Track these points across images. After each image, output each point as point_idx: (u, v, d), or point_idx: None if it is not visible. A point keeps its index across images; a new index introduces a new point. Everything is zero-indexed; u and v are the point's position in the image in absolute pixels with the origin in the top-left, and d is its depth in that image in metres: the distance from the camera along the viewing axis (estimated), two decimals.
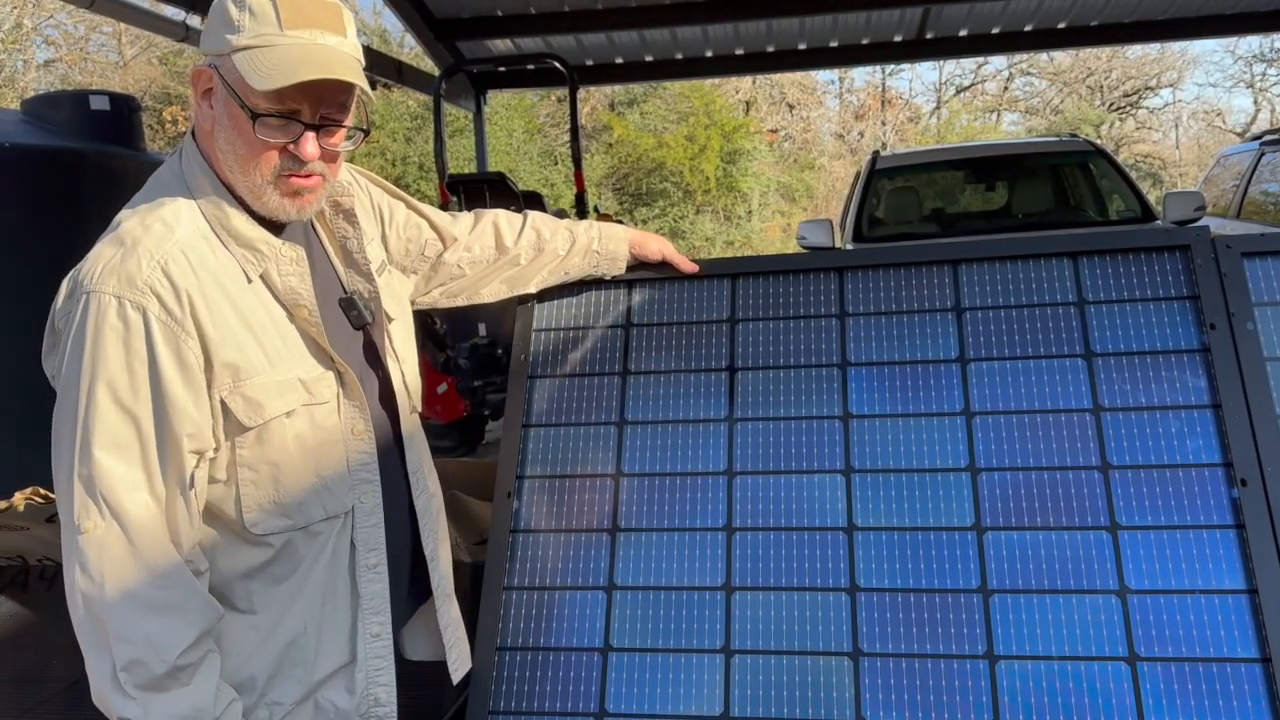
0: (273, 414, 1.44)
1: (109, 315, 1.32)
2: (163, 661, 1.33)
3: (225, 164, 1.43)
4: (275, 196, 1.44)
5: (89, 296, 1.33)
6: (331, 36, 1.41)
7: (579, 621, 1.88)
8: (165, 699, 1.34)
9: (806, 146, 27.30)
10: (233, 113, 1.40)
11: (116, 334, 1.32)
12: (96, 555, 1.32)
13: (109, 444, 1.32)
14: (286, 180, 1.43)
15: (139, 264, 1.34)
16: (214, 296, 1.39)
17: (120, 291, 1.33)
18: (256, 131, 1.39)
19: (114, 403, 1.32)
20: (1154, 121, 29.38)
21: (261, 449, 1.44)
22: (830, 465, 1.91)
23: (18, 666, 2.49)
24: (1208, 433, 1.82)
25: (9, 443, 4.20)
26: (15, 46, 20.70)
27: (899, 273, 2.06)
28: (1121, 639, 1.70)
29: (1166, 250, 1.98)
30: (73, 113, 4.88)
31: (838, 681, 1.76)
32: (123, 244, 1.36)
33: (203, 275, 1.38)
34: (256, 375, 1.42)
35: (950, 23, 9.11)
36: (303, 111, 1.40)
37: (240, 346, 1.41)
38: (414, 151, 18.60)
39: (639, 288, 2.14)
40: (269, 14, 1.37)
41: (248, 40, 1.37)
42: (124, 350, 1.32)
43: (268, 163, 1.42)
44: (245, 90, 1.37)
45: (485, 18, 8.52)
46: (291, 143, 1.41)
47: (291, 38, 1.38)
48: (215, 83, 1.41)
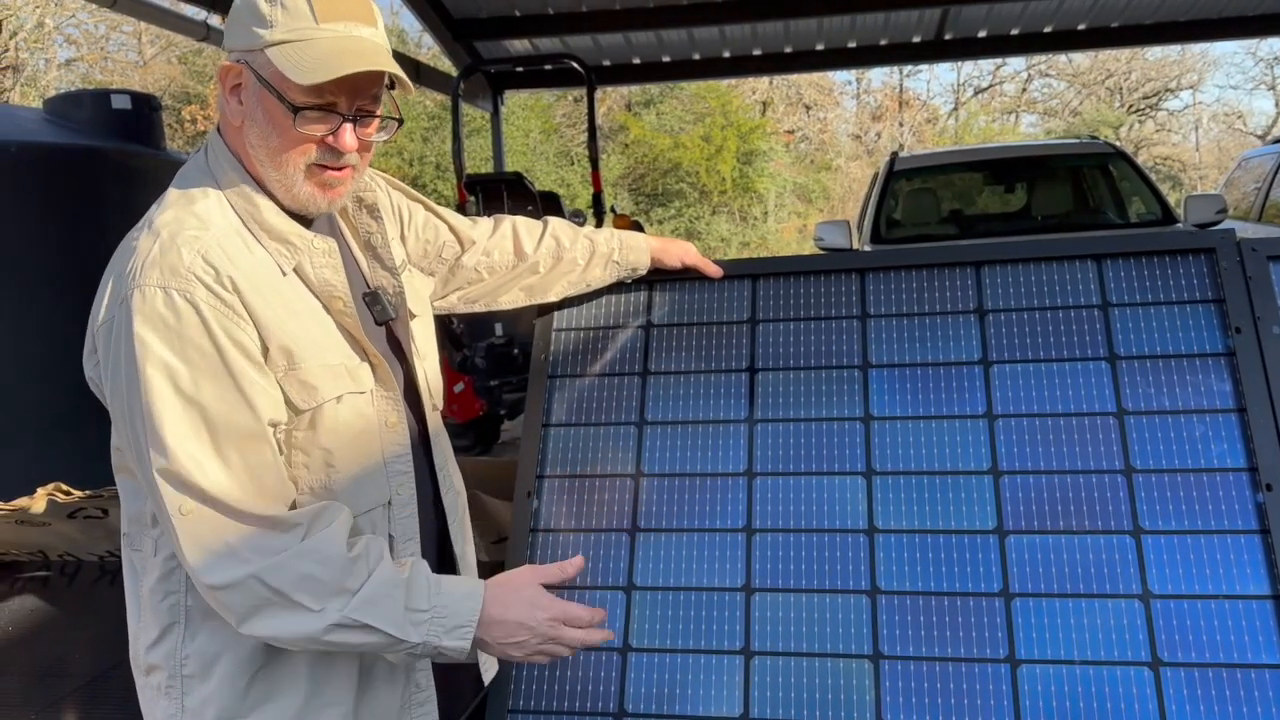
0: (325, 398, 1.44)
1: (157, 307, 1.31)
2: (344, 569, 1.34)
3: (256, 158, 1.43)
4: (307, 188, 1.44)
5: (134, 293, 1.32)
6: (365, 28, 1.42)
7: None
8: (376, 589, 1.35)
9: (823, 147, 27.25)
10: (268, 107, 1.39)
11: (167, 325, 1.31)
12: (209, 532, 1.31)
13: (182, 433, 1.31)
14: (319, 172, 1.44)
15: (180, 254, 1.33)
16: (257, 284, 1.38)
17: (165, 283, 1.32)
18: (297, 125, 1.39)
19: (176, 393, 1.31)
20: (1174, 124, 29.20)
21: (314, 433, 1.44)
22: (851, 467, 1.91)
23: (40, 661, 2.51)
24: (1232, 437, 1.80)
25: (33, 440, 4.23)
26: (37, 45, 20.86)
27: (921, 274, 2.05)
28: (1144, 644, 1.69)
29: (1191, 253, 1.96)
30: (94, 112, 4.92)
31: (858, 684, 1.75)
32: (159, 237, 1.36)
33: (242, 266, 1.38)
34: (308, 359, 1.42)
35: (969, 24, 9.08)
36: (339, 103, 1.40)
37: (289, 332, 1.41)
38: (431, 151, 18.66)
39: (659, 288, 2.14)
40: (302, 8, 1.38)
41: (282, 35, 1.37)
42: (178, 340, 1.31)
43: (302, 154, 1.42)
44: (284, 84, 1.37)
45: (503, 18, 8.55)
46: (330, 134, 1.41)
47: (327, 31, 1.38)
48: (246, 78, 1.41)
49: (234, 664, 1.43)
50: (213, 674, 1.43)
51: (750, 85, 24.32)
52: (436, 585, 1.40)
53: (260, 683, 1.44)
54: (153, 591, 1.45)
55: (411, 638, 1.36)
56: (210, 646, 1.43)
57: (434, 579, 1.41)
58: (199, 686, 1.43)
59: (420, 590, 1.38)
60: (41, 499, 2.75)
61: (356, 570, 1.35)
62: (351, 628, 1.34)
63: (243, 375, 1.35)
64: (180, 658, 1.44)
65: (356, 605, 1.34)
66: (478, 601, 1.40)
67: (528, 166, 18.26)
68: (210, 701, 1.43)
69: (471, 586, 1.43)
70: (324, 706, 1.47)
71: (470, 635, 1.39)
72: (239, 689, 1.43)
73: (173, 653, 1.44)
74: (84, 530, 2.84)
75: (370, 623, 1.34)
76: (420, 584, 1.39)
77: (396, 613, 1.35)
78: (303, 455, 1.44)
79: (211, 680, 1.43)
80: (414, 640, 1.36)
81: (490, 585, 1.45)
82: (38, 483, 2.79)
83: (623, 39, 9.15)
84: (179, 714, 1.44)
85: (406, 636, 1.36)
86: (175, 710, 1.44)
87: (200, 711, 1.43)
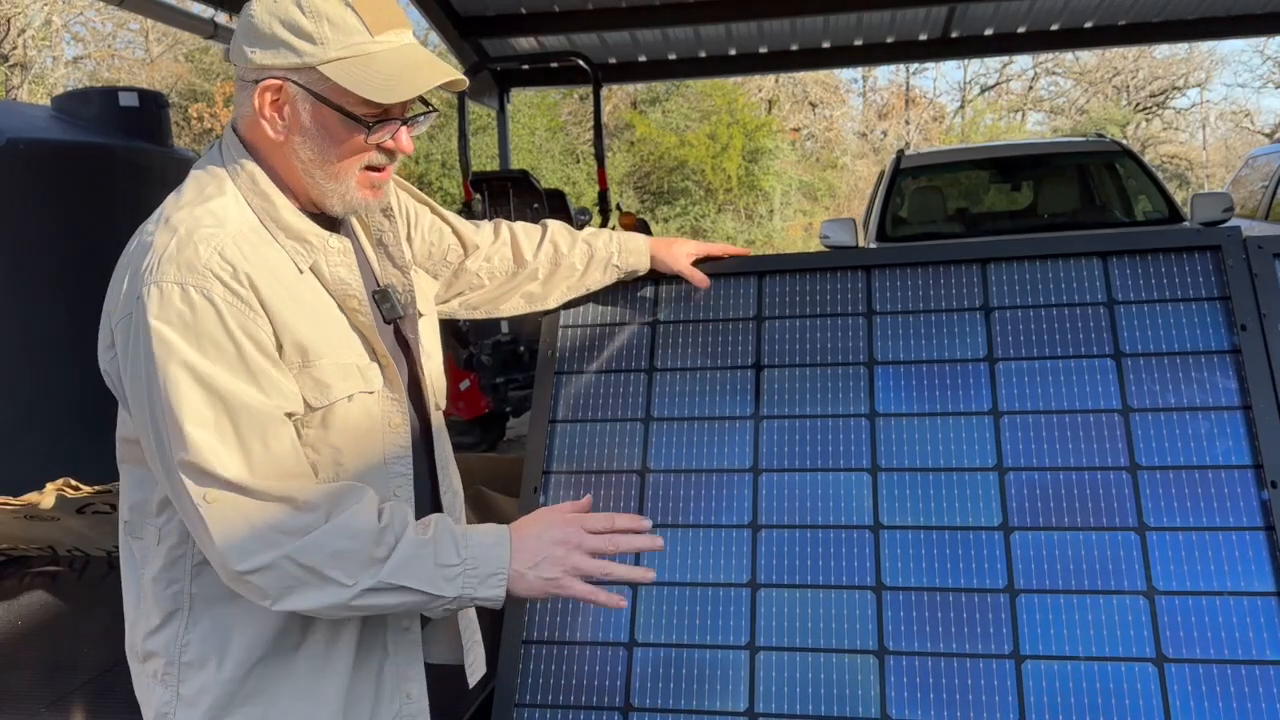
0: (338, 396, 1.45)
1: (173, 303, 1.32)
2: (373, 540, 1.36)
3: (306, 171, 1.44)
4: (360, 194, 1.47)
5: (150, 288, 1.32)
6: (407, 33, 1.44)
7: (604, 616, 1.89)
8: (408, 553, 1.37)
9: (829, 145, 27.23)
10: (325, 122, 1.40)
11: (184, 319, 1.32)
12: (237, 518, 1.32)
13: (203, 424, 1.32)
14: (370, 175, 1.47)
15: (196, 250, 1.34)
16: (272, 282, 1.39)
17: (181, 278, 1.33)
18: (370, 139, 1.42)
19: (196, 385, 1.32)
20: (1181, 122, 29.14)
21: (325, 431, 1.45)
22: (857, 463, 1.91)
23: (48, 655, 2.52)
24: (1238, 434, 1.80)
25: (42, 435, 4.25)
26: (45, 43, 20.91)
27: (927, 271, 2.05)
28: (1149, 640, 1.70)
29: (1197, 250, 1.97)
30: (102, 109, 4.93)
31: (863, 679, 1.76)
32: (176, 233, 1.36)
33: (257, 263, 1.39)
34: (323, 357, 1.43)
35: (976, 21, 9.07)
36: (395, 109, 1.43)
37: (304, 330, 1.42)
38: (437, 149, 18.68)
39: (665, 285, 2.14)
40: (353, 22, 1.38)
41: (339, 52, 1.37)
42: (196, 335, 1.32)
43: (359, 162, 1.45)
44: (349, 100, 1.39)
45: (509, 15, 8.55)
46: (389, 139, 1.45)
47: (383, 43, 1.40)
48: (288, 93, 1.40)
49: (232, 654, 1.43)
50: (210, 663, 1.44)
51: (756, 83, 24.30)
52: (464, 538, 1.42)
53: (257, 674, 1.45)
54: (155, 579, 1.46)
55: (446, 592, 1.38)
56: (211, 635, 1.44)
57: (460, 531, 1.43)
58: (196, 675, 1.44)
59: (448, 546, 1.40)
60: (50, 494, 2.76)
61: (385, 539, 1.37)
62: (384, 590, 1.36)
63: (260, 369, 1.36)
64: (180, 645, 1.44)
65: (389, 571, 1.36)
66: (506, 546, 1.42)
67: (533, 164, 18.27)
68: (206, 690, 1.43)
69: (498, 533, 1.44)
70: (317, 702, 1.47)
71: (504, 582, 1.40)
72: (236, 679, 1.43)
73: (173, 640, 1.45)
74: (92, 525, 2.85)
75: (404, 584, 1.36)
76: (446, 540, 1.40)
77: (428, 570, 1.37)
78: (313, 453, 1.45)
79: (209, 669, 1.44)
80: (449, 594, 1.39)
81: (513, 529, 1.46)
82: (48, 478, 2.81)
83: (629, 37, 9.15)
84: (174, 701, 1.45)
85: (441, 591, 1.38)
86: (170, 698, 1.45)
87: (195, 700, 1.44)
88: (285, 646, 1.46)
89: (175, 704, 1.45)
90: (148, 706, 1.50)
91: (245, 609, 1.44)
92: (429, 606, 1.41)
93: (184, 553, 1.45)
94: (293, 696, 1.47)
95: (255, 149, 1.47)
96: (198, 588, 1.45)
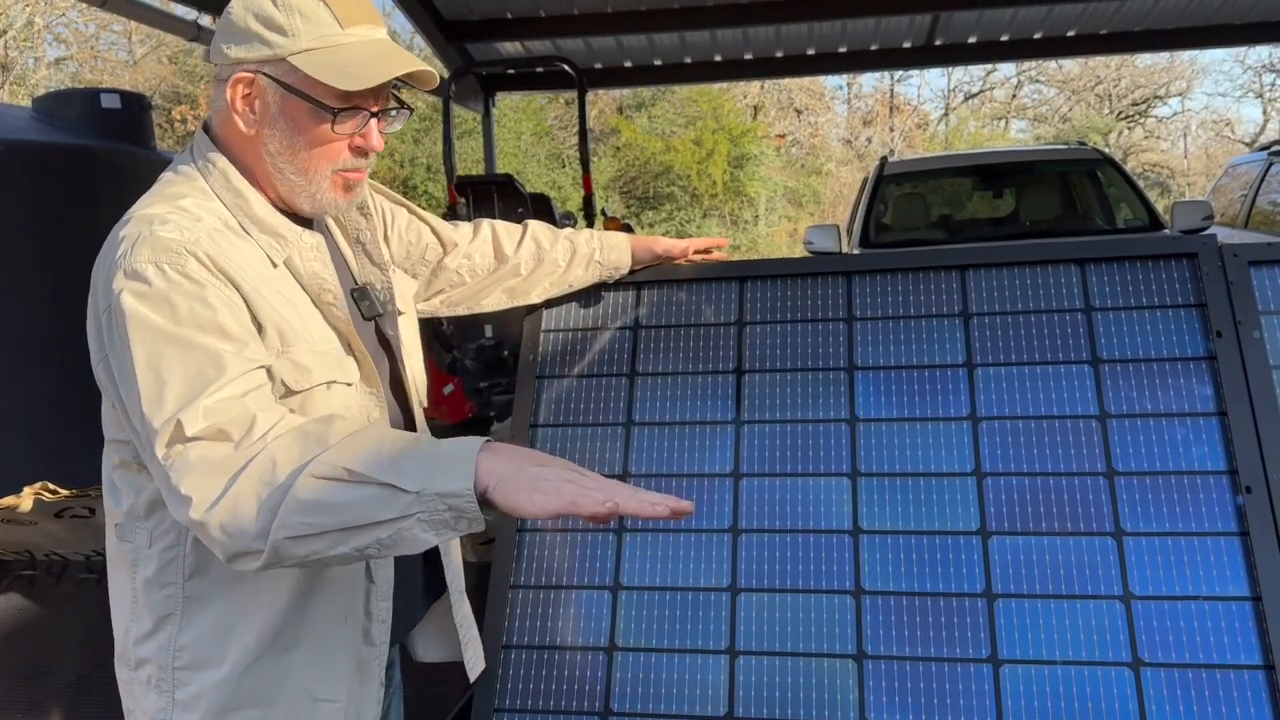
0: (317, 380, 1.43)
1: (150, 279, 1.30)
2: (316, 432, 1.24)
3: (274, 165, 1.44)
4: (331, 194, 1.47)
5: (125, 271, 1.32)
6: (379, 30, 1.46)
7: (585, 620, 1.89)
8: None
9: (814, 151, 27.31)
10: (294, 114, 1.41)
11: (160, 293, 1.30)
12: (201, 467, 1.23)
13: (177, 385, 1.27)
14: (344, 175, 1.47)
15: (168, 231, 1.34)
16: (248, 273, 1.39)
17: (156, 258, 1.32)
18: (336, 128, 1.41)
19: (170, 342, 1.28)
20: (1162, 130, 29.36)
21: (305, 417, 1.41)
22: (836, 468, 1.92)
23: (25, 660, 2.50)
24: (1213, 440, 1.82)
25: (21, 437, 4.22)
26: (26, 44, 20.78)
27: (907, 277, 2.07)
28: (1125, 644, 1.71)
29: (1174, 258, 1.98)
30: (84, 111, 4.91)
31: (842, 684, 1.76)
32: (150, 223, 1.36)
33: (232, 255, 1.38)
34: (301, 343, 1.42)
35: (959, 29, 9.11)
36: (367, 103, 1.43)
37: (283, 316, 1.41)
38: (422, 153, 18.64)
39: (647, 289, 2.15)
40: (324, 15, 1.40)
41: (309, 43, 1.39)
42: (169, 306, 1.30)
43: (330, 160, 1.44)
44: (317, 90, 1.39)
45: (495, 20, 8.54)
46: (358, 134, 1.44)
47: (354, 35, 1.41)
48: (260, 87, 1.41)
49: (228, 657, 1.43)
50: (205, 667, 1.43)
51: (742, 89, 24.37)
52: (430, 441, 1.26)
53: (253, 675, 1.44)
54: (148, 583, 1.45)
55: (405, 484, 1.19)
56: (205, 639, 1.43)
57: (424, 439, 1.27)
58: (192, 679, 1.43)
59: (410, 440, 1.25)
60: (28, 497, 2.74)
61: (336, 428, 1.26)
62: (335, 481, 1.20)
63: (234, 334, 1.31)
64: (174, 650, 1.43)
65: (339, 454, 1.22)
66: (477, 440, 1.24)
67: (519, 169, 18.26)
68: (203, 695, 1.42)
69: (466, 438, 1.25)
70: (316, 703, 1.47)
71: (470, 473, 1.19)
72: (232, 681, 1.42)
73: (166, 645, 1.44)
74: (71, 529, 2.84)
75: (350, 466, 1.20)
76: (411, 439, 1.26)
77: (378, 457, 1.22)
78: None
79: (204, 673, 1.43)
80: (409, 487, 1.19)
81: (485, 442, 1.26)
82: (26, 481, 2.79)
83: (614, 42, 9.15)
84: (169, 707, 1.44)
85: (398, 482, 1.19)
86: (166, 704, 1.44)
87: (191, 705, 1.43)
88: (281, 647, 1.45)
89: (171, 709, 1.44)
90: (141, 713, 1.48)
91: (239, 611, 1.43)
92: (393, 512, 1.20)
93: (177, 555, 1.43)
94: (290, 696, 1.46)
95: (228, 146, 1.47)
96: (191, 590, 1.43)
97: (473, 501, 1.20)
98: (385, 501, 1.20)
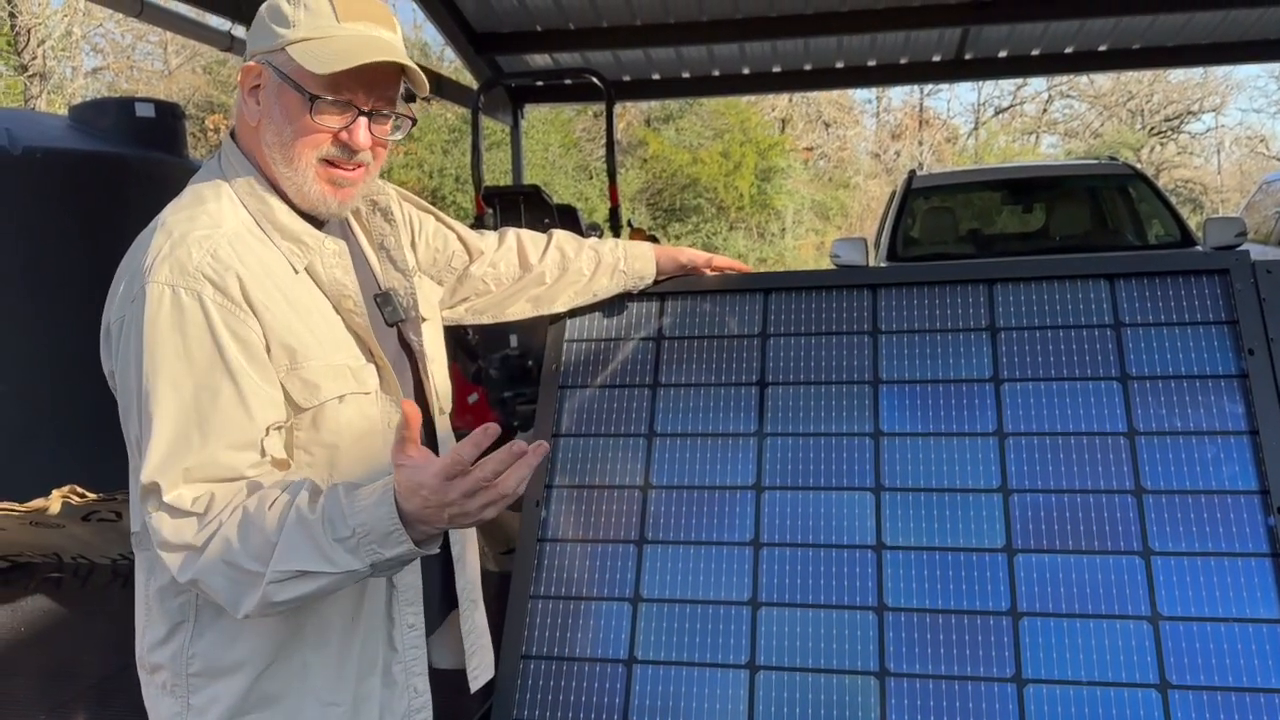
0: (327, 396, 1.45)
1: (164, 304, 1.34)
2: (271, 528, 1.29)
3: (270, 156, 1.46)
4: (318, 186, 1.47)
5: (143, 289, 1.35)
6: (385, 31, 1.47)
7: (604, 632, 1.88)
8: None
9: (842, 165, 27.26)
10: (285, 101, 1.43)
11: (172, 322, 1.34)
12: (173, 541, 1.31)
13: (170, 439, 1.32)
14: (329, 169, 1.47)
15: (189, 252, 1.36)
16: (265, 283, 1.41)
17: (174, 280, 1.35)
18: (313, 115, 1.42)
19: (173, 389, 1.33)
20: (1195, 146, 29.08)
21: (316, 432, 1.45)
22: (860, 483, 1.90)
23: (50, 661, 2.53)
24: (1244, 459, 1.79)
25: (54, 442, 4.27)
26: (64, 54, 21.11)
27: (933, 291, 2.05)
28: (1153, 665, 1.68)
29: (1205, 274, 1.96)
30: (118, 119, 4.97)
31: (864, 701, 1.74)
32: (171, 236, 1.39)
33: (251, 264, 1.40)
34: (311, 359, 1.44)
35: (990, 44, 9.08)
36: (356, 99, 1.44)
37: (294, 331, 1.43)
38: (451, 164, 18.76)
39: (671, 301, 2.14)
40: (324, 7, 1.44)
41: (305, 33, 1.42)
42: (180, 337, 1.34)
43: (314, 147, 1.45)
44: (303, 77, 1.41)
45: (525, 33, 8.60)
46: (344, 129, 1.45)
47: (349, 29, 1.44)
48: (265, 77, 1.45)
49: (240, 664, 1.44)
50: (218, 673, 1.44)
51: (770, 102, 24.37)
52: (351, 505, 1.29)
53: (264, 683, 1.45)
54: (163, 590, 1.47)
55: (354, 565, 1.28)
56: (216, 646, 1.44)
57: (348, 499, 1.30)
58: (204, 686, 1.45)
59: (338, 521, 1.28)
60: (57, 500, 2.77)
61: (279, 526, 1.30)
62: (289, 579, 1.28)
63: (242, 374, 1.36)
64: (186, 657, 1.45)
65: (278, 559, 1.28)
66: (390, 501, 1.27)
67: (546, 180, 18.32)
68: (216, 700, 1.44)
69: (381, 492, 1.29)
70: (326, 706, 1.48)
71: (404, 536, 1.27)
72: (244, 688, 1.44)
73: (179, 652, 1.45)
74: (97, 533, 2.86)
75: (302, 568, 1.28)
76: (337, 514, 1.29)
77: (321, 551, 1.28)
78: (306, 455, 1.46)
79: (217, 680, 1.44)
80: (360, 566, 1.28)
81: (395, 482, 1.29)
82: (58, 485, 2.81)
83: (643, 55, 9.18)
84: (184, 712, 1.46)
85: (349, 567, 1.28)
86: (180, 709, 1.46)
87: (204, 710, 1.44)
88: (292, 652, 1.47)
89: (185, 715, 1.46)
90: (156, 717, 1.50)
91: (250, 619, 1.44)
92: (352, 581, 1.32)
93: None
94: (302, 701, 1.47)
95: (248, 150, 1.50)
96: (204, 599, 1.45)
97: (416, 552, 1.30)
98: (341, 581, 1.31)
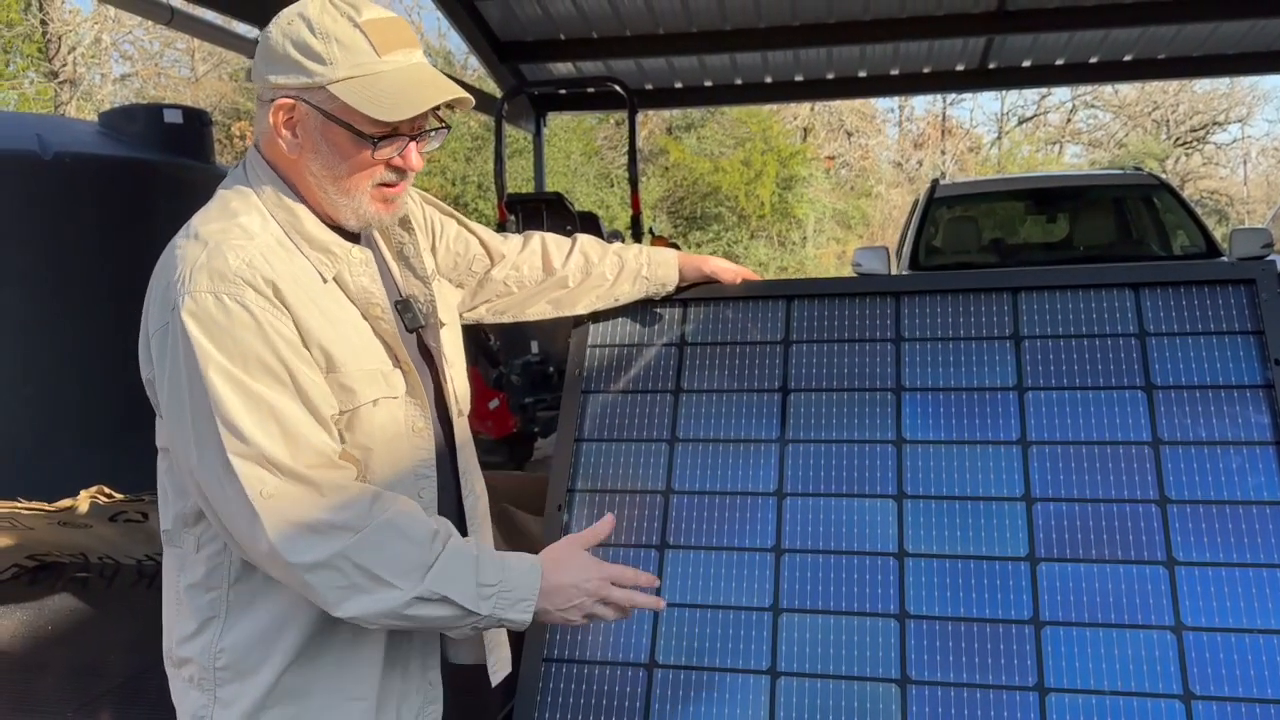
0: (363, 400, 1.49)
1: (209, 311, 1.36)
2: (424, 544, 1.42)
3: (319, 185, 1.49)
4: (373, 207, 1.51)
5: (185, 298, 1.37)
6: (416, 53, 1.49)
7: (625, 636, 1.89)
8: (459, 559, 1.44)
9: (864, 174, 27.19)
10: (334, 139, 1.45)
11: (220, 327, 1.36)
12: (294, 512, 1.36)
13: (252, 423, 1.36)
14: (382, 190, 1.51)
15: (225, 259, 1.39)
16: (298, 292, 1.44)
17: (214, 288, 1.37)
18: (376, 155, 1.46)
19: (238, 390, 1.36)
20: (1221, 157, 28.86)
21: (352, 434, 1.49)
22: (882, 490, 1.91)
23: (77, 661, 2.55)
24: (1269, 469, 1.78)
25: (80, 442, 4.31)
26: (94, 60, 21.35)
27: (956, 299, 2.05)
28: (1176, 676, 1.67)
29: (1230, 284, 1.95)
30: (147, 125, 5.02)
31: (885, 708, 1.74)
32: (206, 245, 1.41)
33: (283, 273, 1.43)
34: (347, 363, 1.47)
35: (1013, 53, 9.04)
36: (403, 126, 1.47)
37: (329, 337, 1.46)
38: (474, 171, 18.85)
39: (693, 307, 2.15)
40: (361, 43, 1.43)
41: (347, 71, 1.42)
42: (232, 341, 1.36)
43: (369, 178, 1.49)
44: (356, 118, 1.43)
45: (548, 41, 8.64)
46: (397, 155, 1.49)
47: (390, 63, 1.44)
48: (302, 114, 1.45)
49: (267, 659, 1.47)
50: (245, 668, 1.47)
51: (792, 110, 24.34)
52: (502, 561, 1.48)
53: (290, 677, 1.48)
54: (193, 587, 1.49)
55: (481, 610, 1.44)
56: (244, 641, 1.47)
57: (499, 556, 1.49)
58: (231, 680, 1.48)
59: (488, 566, 1.45)
60: (85, 500, 2.80)
61: (434, 546, 1.43)
62: (430, 600, 1.41)
63: (298, 370, 1.41)
64: (214, 652, 1.48)
65: (433, 579, 1.41)
66: (537, 575, 1.49)
67: (568, 187, 18.38)
68: (243, 694, 1.47)
69: (531, 562, 1.51)
70: (349, 700, 1.51)
71: (531, 608, 1.47)
72: (270, 682, 1.47)
73: (207, 647, 1.48)
74: (124, 533, 2.89)
75: (447, 595, 1.41)
76: (487, 560, 1.46)
77: (469, 587, 1.43)
78: None
79: (244, 674, 1.47)
80: (483, 613, 1.44)
81: (543, 557, 1.54)
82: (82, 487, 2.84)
83: (665, 63, 9.20)
84: (210, 705, 1.48)
85: (477, 609, 1.43)
86: (207, 701, 1.49)
87: (231, 704, 1.47)
88: (318, 648, 1.49)
89: (212, 707, 1.49)
90: (183, 711, 1.54)
91: (280, 615, 1.47)
92: (460, 623, 1.45)
93: (224, 560, 1.48)
94: (325, 694, 1.50)
95: (276, 165, 1.52)
96: (235, 595, 1.48)
97: (524, 626, 1.50)
98: (459, 619, 1.45)
